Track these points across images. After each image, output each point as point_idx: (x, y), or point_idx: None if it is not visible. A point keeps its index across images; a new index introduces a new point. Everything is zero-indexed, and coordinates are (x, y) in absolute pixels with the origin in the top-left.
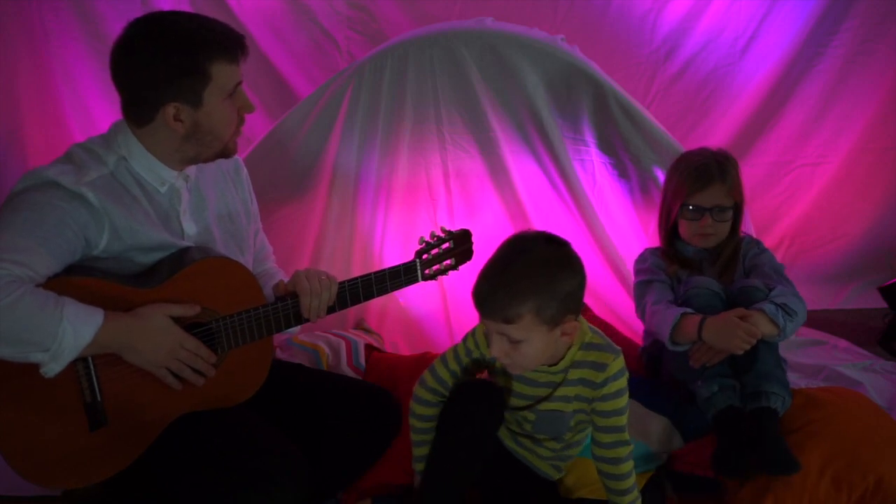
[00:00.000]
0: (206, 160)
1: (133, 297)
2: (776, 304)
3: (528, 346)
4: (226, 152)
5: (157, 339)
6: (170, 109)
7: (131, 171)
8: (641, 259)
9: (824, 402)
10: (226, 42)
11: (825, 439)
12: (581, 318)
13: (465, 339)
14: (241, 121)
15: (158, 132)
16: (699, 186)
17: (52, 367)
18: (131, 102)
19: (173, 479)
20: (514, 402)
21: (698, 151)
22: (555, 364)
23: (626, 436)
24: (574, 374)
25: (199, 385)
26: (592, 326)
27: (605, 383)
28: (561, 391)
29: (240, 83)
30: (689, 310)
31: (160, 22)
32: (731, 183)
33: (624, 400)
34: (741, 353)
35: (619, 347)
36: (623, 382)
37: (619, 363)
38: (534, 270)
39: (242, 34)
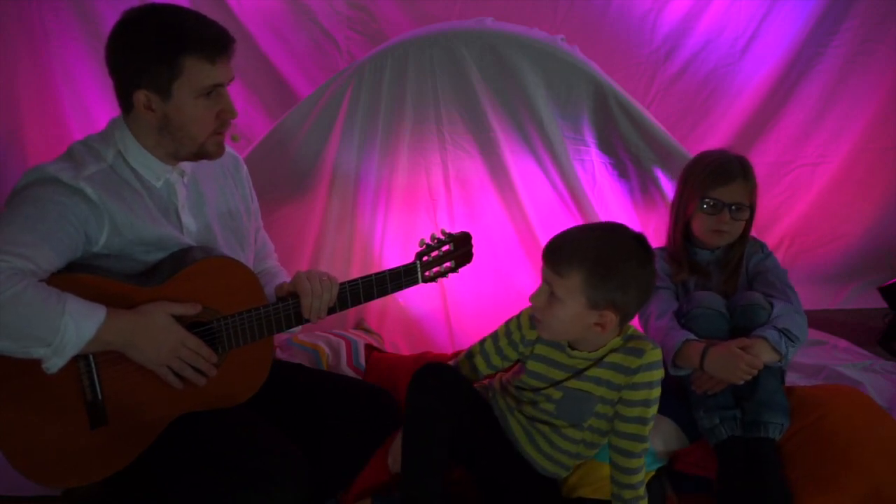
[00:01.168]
0: (185, 158)
1: (136, 295)
2: (779, 331)
3: (562, 309)
4: (203, 153)
5: (160, 337)
6: (140, 96)
7: (129, 165)
8: None
9: (818, 403)
10: (206, 39)
11: (819, 443)
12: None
13: (508, 322)
14: (221, 124)
15: (139, 121)
16: (722, 181)
17: (55, 363)
18: (115, 86)
19: (173, 478)
20: (536, 383)
21: (718, 151)
22: (594, 351)
23: (646, 432)
24: (610, 358)
25: (201, 384)
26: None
27: (638, 370)
28: (593, 371)
29: (220, 85)
30: (691, 336)
31: (150, 11)
32: (752, 184)
33: (653, 395)
34: (742, 383)
35: (659, 345)
36: (656, 376)
37: (656, 354)
38: (610, 248)
39: (232, 37)
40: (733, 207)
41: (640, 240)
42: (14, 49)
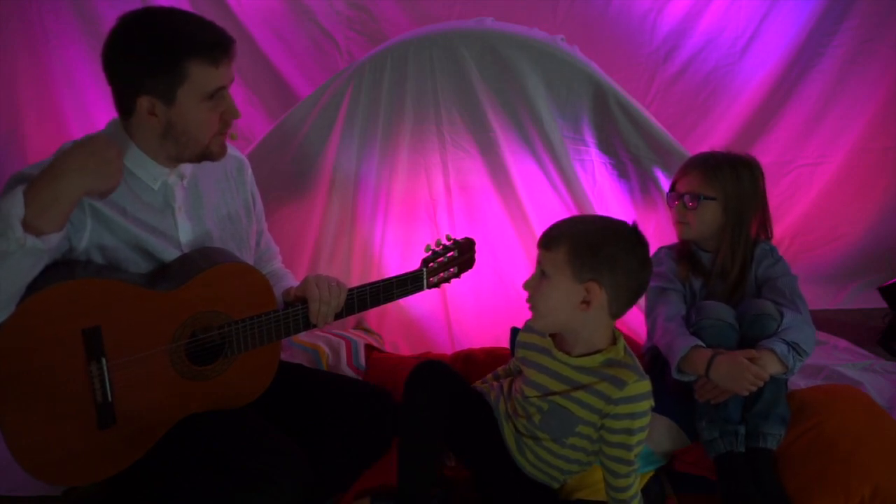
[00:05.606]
0: (189, 160)
1: (153, 299)
2: (788, 343)
3: (549, 286)
4: (208, 155)
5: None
6: (144, 102)
7: (125, 166)
8: (657, 260)
9: (818, 407)
10: (208, 43)
11: (819, 446)
12: (620, 337)
13: None
14: (224, 125)
15: (141, 126)
16: (682, 172)
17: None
18: (115, 93)
19: (174, 478)
20: (530, 392)
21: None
22: (579, 357)
23: (631, 456)
24: (597, 386)
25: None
26: (629, 349)
27: (619, 402)
28: (579, 394)
29: (223, 87)
30: (699, 342)
31: (147, 17)
32: (717, 177)
33: (635, 425)
34: (747, 394)
35: (647, 376)
36: (638, 408)
37: (640, 386)
38: (600, 228)
39: (232, 38)
40: (685, 197)
41: (633, 228)
42: (14, 49)
